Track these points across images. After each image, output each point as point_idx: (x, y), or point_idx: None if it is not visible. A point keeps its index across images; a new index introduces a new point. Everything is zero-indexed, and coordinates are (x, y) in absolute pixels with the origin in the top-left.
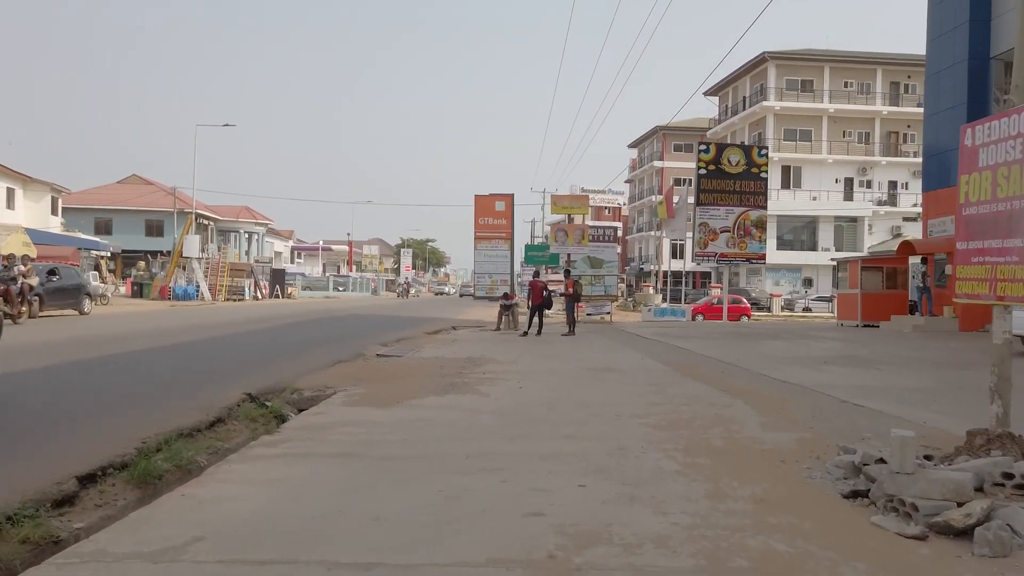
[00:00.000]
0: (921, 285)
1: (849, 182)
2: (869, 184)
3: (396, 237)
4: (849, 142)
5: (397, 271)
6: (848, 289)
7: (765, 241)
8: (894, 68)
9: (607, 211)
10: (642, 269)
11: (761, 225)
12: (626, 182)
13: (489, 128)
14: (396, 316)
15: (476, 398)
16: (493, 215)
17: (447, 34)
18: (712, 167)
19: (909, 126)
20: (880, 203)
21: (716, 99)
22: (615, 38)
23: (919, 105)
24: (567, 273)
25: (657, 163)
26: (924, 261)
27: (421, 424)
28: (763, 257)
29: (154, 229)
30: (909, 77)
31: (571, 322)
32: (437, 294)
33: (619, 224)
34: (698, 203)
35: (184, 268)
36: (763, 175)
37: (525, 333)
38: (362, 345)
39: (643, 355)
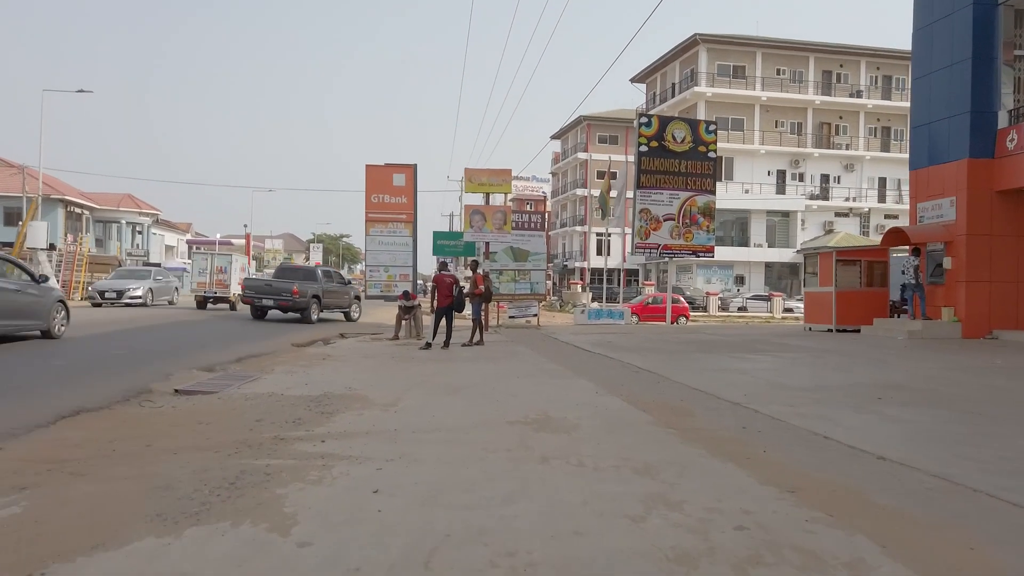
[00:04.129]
0: (913, 281)
1: (782, 175)
2: (801, 177)
3: (309, 232)
4: (782, 132)
5: None
6: (819, 287)
7: (713, 231)
8: (826, 56)
9: (530, 205)
10: (566, 266)
11: (709, 213)
12: (550, 174)
13: (404, 117)
14: (273, 319)
15: (252, 548)
16: (390, 191)
17: (354, 16)
18: (654, 144)
19: (841, 117)
20: (812, 197)
21: (643, 86)
22: (527, 23)
23: (851, 95)
24: (474, 267)
25: (581, 155)
26: (916, 253)
27: None
28: (711, 250)
29: (15, 217)
30: (841, 66)
31: (479, 329)
32: None
33: (545, 213)
34: (639, 186)
35: (30, 260)
36: (711, 154)
37: (428, 345)
38: (183, 365)
39: (594, 384)
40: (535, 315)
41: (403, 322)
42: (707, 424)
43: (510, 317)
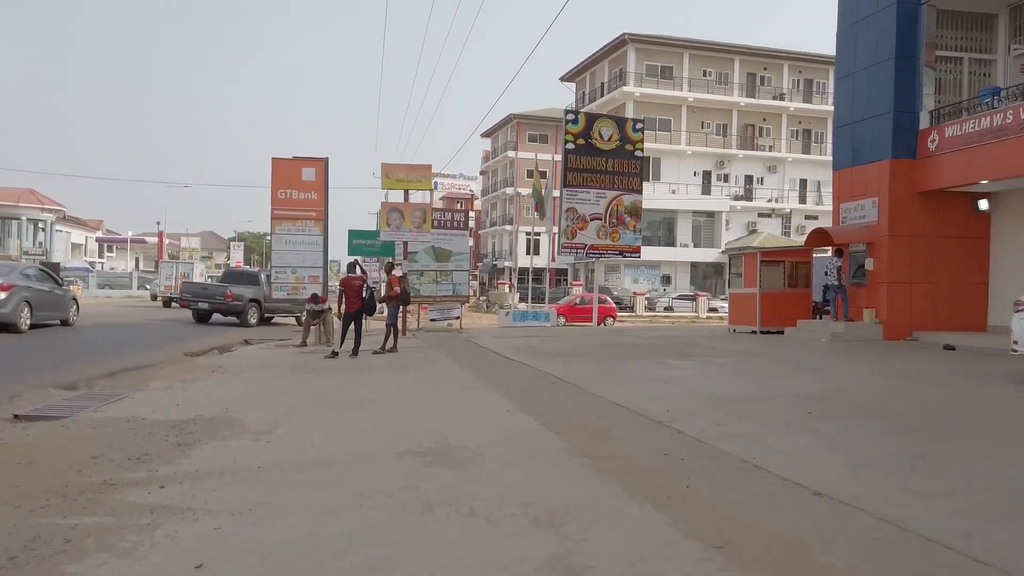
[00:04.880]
0: (835, 283)
1: (707, 175)
2: (726, 178)
3: (231, 230)
4: (708, 133)
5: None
6: (743, 288)
7: (640, 231)
8: (751, 59)
9: (459, 204)
10: (495, 266)
11: (636, 212)
12: (480, 173)
13: (329, 110)
14: (176, 322)
15: None
16: (299, 186)
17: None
18: (581, 142)
19: (765, 119)
20: (737, 198)
21: (573, 85)
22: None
23: (774, 98)
24: (389, 268)
25: (511, 153)
26: (839, 254)
27: None
28: (637, 250)
29: None
30: (765, 69)
31: (393, 334)
32: None
33: (472, 213)
34: (565, 184)
35: None
36: (638, 153)
37: (335, 353)
38: (43, 381)
39: (507, 399)
40: (457, 317)
41: (311, 327)
42: (626, 449)
43: (431, 320)
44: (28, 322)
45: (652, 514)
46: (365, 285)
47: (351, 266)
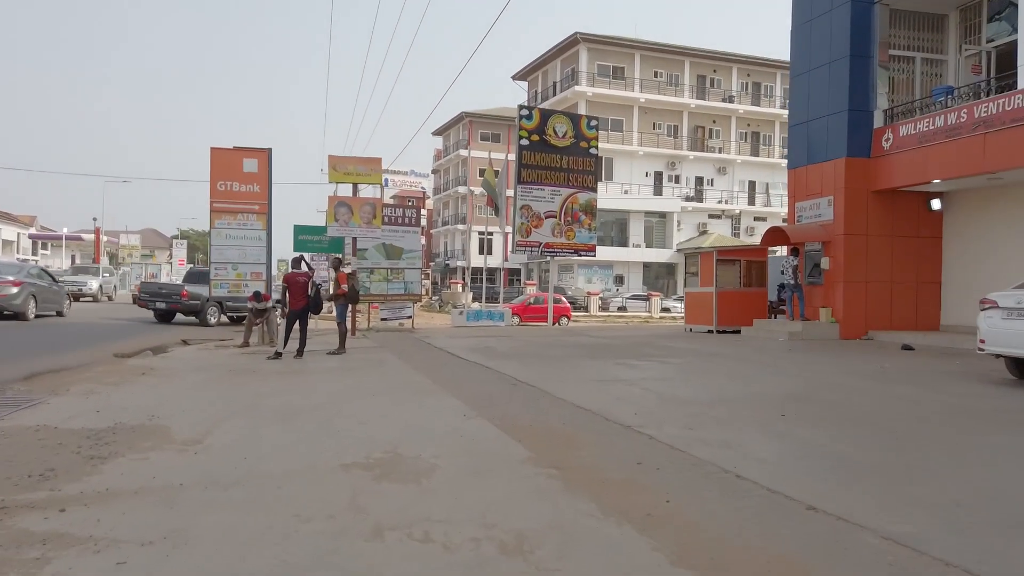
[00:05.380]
0: (792, 282)
1: (659, 176)
2: (678, 179)
3: (174, 228)
4: (659, 134)
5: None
6: (700, 287)
7: (596, 229)
8: (701, 61)
9: (411, 201)
10: (448, 265)
11: (590, 210)
12: (432, 172)
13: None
14: (137, 321)
15: None
16: (240, 178)
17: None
18: (535, 138)
19: (715, 121)
20: (688, 198)
21: (525, 84)
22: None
23: (724, 100)
24: (337, 264)
25: (463, 152)
26: (794, 253)
27: None
28: (593, 249)
29: None
30: (715, 71)
31: (342, 335)
32: None
33: (424, 210)
34: (520, 181)
35: None
36: (593, 150)
37: (278, 354)
38: None
39: (464, 403)
40: (409, 317)
41: (254, 327)
42: (596, 459)
43: (382, 319)
44: (34, 313)
45: (633, 536)
46: (311, 282)
47: (295, 261)
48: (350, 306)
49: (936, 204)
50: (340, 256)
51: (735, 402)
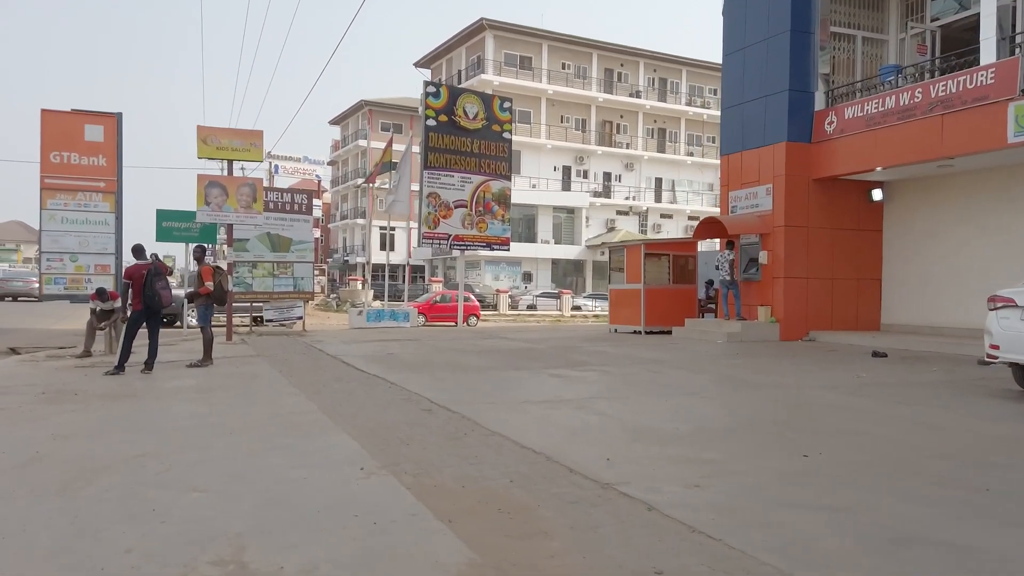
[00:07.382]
0: (727, 277)
1: (567, 171)
2: (586, 174)
3: None
4: (567, 128)
5: None
6: (626, 284)
7: (509, 221)
8: (609, 55)
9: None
10: (347, 261)
11: (504, 200)
12: (328, 163)
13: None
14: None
15: None
16: (80, 148)
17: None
18: (444, 118)
19: (622, 116)
20: (596, 194)
21: (429, 72)
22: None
23: (631, 95)
24: (200, 256)
25: (362, 142)
26: (730, 246)
27: None
28: (507, 242)
29: None
30: (622, 66)
31: (206, 343)
32: None
33: (319, 201)
34: (426, 166)
35: None
36: (506, 135)
37: (120, 368)
38: None
39: (360, 444)
40: (300, 318)
41: (98, 332)
42: (577, 558)
43: (267, 321)
44: None
45: None
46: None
47: (137, 250)
48: (215, 307)
49: (877, 195)
50: (204, 246)
51: (724, 434)
